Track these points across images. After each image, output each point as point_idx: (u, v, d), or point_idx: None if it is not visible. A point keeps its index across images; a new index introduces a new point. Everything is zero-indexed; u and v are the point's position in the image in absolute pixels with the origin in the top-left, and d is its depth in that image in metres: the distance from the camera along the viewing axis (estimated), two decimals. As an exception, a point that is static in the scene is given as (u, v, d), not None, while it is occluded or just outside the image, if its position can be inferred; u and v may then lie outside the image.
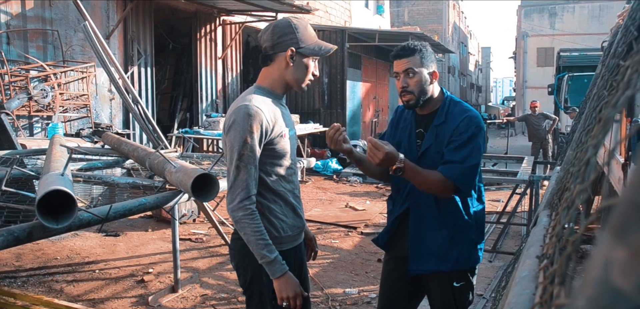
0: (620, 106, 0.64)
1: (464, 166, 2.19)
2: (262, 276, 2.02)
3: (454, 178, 2.17)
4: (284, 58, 2.03)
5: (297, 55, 2.03)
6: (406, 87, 2.27)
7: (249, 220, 1.93)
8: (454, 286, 2.33)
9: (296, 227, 2.14)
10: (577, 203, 0.65)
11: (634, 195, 0.27)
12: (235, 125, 1.93)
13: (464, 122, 2.24)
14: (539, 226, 1.63)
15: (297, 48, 2.02)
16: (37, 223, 2.01)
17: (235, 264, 2.16)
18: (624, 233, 0.27)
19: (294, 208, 2.12)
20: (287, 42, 2.02)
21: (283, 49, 2.02)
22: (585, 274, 0.28)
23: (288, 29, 2.03)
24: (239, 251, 2.08)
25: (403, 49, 2.28)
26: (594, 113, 1.26)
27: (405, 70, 2.26)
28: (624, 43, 1.34)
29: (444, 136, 2.26)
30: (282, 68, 2.05)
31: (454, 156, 2.20)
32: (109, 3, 8.95)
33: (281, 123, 2.04)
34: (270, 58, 2.06)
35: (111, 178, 3.62)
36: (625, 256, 0.26)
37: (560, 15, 33.10)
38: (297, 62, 2.04)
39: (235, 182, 1.94)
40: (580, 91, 11.26)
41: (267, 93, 2.06)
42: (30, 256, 5.35)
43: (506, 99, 63.69)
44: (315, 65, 2.12)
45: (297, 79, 2.07)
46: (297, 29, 2.04)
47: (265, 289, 2.04)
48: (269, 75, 2.08)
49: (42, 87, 7.28)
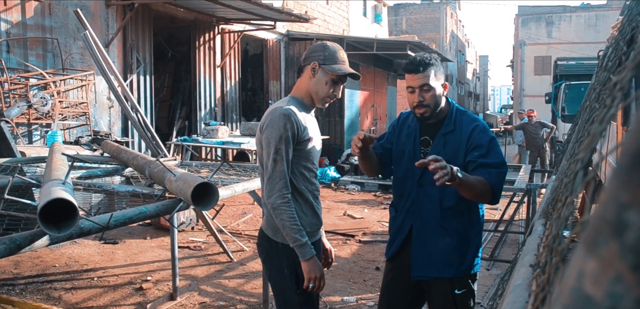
0: (606, 122, 0.67)
1: (500, 170, 2.26)
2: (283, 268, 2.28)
3: (493, 183, 2.22)
4: (309, 70, 2.29)
5: (319, 70, 2.27)
6: (423, 101, 2.30)
7: (286, 207, 2.16)
8: (456, 293, 2.35)
9: (314, 225, 2.35)
10: (565, 215, 0.68)
11: (604, 211, 0.30)
12: (272, 124, 2.17)
13: (479, 129, 2.31)
14: (534, 235, 1.66)
15: (320, 63, 2.26)
16: (38, 231, 2.03)
17: (263, 258, 2.44)
18: (595, 245, 0.30)
19: (313, 207, 2.33)
20: (314, 56, 2.29)
21: (309, 62, 2.29)
22: (562, 284, 0.31)
23: (319, 48, 2.31)
24: (265, 247, 2.36)
25: (419, 63, 2.30)
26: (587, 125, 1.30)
27: (421, 86, 2.29)
28: (615, 56, 1.37)
29: (453, 144, 2.30)
30: (306, 80, 2.31)
31: (489, 160, 2.24)
32: (109, 11, 9.00)
33: (311, 129, 2.28)
34: (301, 70, 2.34)
35: (111, 186, 3.64)
36: (596, 267, 0.29)
37: (557, 24, 33.28)
38: (318, 76, 2.28)
39: (273, 173, 2.16)
40: (577, 99, 11.32)
41: (298, 103, 2.29)
42: (29, 264, 5.35)
43: (504, 107, 63.85)
44: (339, 88, 2.33)
45: (317, 92, 2.30)
46: (326, 49, 2.29)
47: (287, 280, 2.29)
48: (299, 85, 2.35)
49: (41, 95, 7.31)
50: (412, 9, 39.03)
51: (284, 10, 11.41)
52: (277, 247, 2.30)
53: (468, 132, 2.29)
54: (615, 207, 0.29)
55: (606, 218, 0.29)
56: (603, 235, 0.29)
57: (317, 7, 16.57)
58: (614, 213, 0.29)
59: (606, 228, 0.29)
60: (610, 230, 0.29)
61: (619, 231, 0.29)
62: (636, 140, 0.29)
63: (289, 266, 2.28)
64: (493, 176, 2.22)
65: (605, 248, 0.29)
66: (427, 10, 38.68)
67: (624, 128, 4.06)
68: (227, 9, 10.21)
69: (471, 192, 2.19)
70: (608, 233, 0.29)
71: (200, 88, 11.53)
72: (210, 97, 11.79)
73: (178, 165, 4.38)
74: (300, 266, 2.23)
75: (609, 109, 0.67)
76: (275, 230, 2.28)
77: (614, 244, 0.28)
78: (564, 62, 14.96)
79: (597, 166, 4.68)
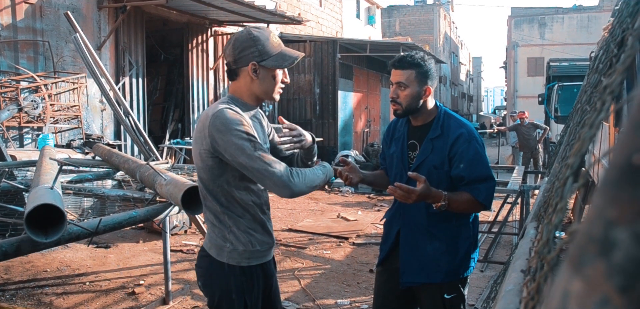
0: (596, 127, 0.66)
1: (486, 184, 2.25)
2: (231, 293, 1.97)
3: (482, 199, 2.22)
4: (247, 73, 1.96)
5: (260, 68, 1.95)
6: (396, 98, 2.31)
7: (301, 179, 1.91)
8: (445, 298, 2.34)
9: (265, 243, 2.05)
10: (555, 222, 0.67)
11: (590, 228, 0.28)
12: (225, 128, 1.84)
13: (463, 138, 2.27)
14: (526, 238, 1.65)
15: (259, 62, 1.94)
16: (25, 237, 2.00)
17: (202, 282, 2.08)
18: (580, 265, 0.28)
19: (263, 223, 2.04)
20: (248, 56, 1.94)
21: (245, 63, 1.95)
22: (546, 304, 0.29)
23: (248, 43, 1.94)
24: (207, 269, 2.02)
25: (400, 60, 2.30)
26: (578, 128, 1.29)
27: (397, 82, 2.29)
28: (606, 59, 1.36)
29: (440, 149, 2.29)
30: (248, 83, 1.98)
31: (472, 176, 2.23)
32: (101, 14, 8.95)
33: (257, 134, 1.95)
34: (235, 73, 1.99)
35: (102, 190, 3.61)
36: (581, 288, 0.27)
37: (549, 26, 33.47)
38: (261, 75, 1.96)
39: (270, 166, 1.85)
40: (570, 100, 11.37)
41: (241, 104, 1.99)
42: (20, 269, 5.30)
43: (497, 108, 64.09)
44: (284, 73, 2.04)
45: (265, 91, 2.01)
46: (258, 41, 1.95)
47: (235, 306, 1.98)
48: (238, 89, 2.01)
49: (32, 98, 7.25)
50: (406, 10, 39.14)
51: (277, 12, 11.40)
52: (223, 269, 1.97)
53: (452, 139, 2.27)
54: (602, 224, 0.28)
55: (592, 236, 0.28)
56: (589, 254, 0.28)
57: (311, 9, 16.56)
58: (600, 231, 0.28)
59: (592, 246, 0.28)
60: (597, 249, 0.27)
61: (605, 250, 0.27)
62: (624, 153, 0.28)
63: (237, 290, 1.97)
64: (482, 192, 2.22)
65: (592, 268, 0.27)
66: (421, 11, 38.79)
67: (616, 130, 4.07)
68: (220, 11, 10.18)
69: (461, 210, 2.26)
70: (594, 251, 0.27)
71: (193, 91, 11.49)
72: (203, 100, 11.75)
73: (169, 168, 4.35)
74: (249, 291, 1.99)
75: (599, 113, 0.66)
76: (219, 249, 1.97)
77: (600, 263, 0.27)
78: (557, 64, 15.03)
79: (590, 167, 4.69)
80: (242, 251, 1.97)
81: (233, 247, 1.96)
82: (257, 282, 2.02)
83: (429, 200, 2.15)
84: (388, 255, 2.49)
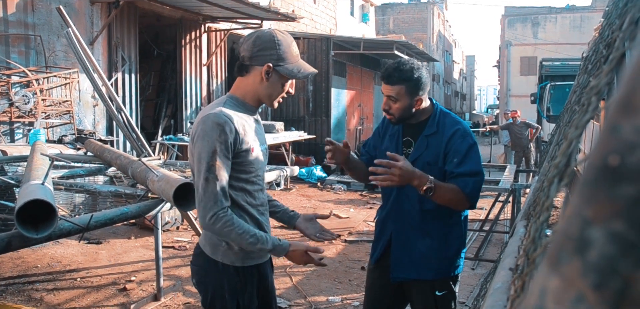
0: (582, 128, 0.67)
1: (475, 179, 2.24)
2: (224, 292, 1.97)
3: (468, 191, 2.21)
4: (259, 73, 1.92)
5: (273, 72, 1.92)
6: (388, 109, 2.33)
7: (228, 228, 1.83)
8: (436, 294, 2.36)
9: None
10: (541, 221, 0.68)
11: (567, 227, 0.29)
12: (204, 135, 1.82)
13: (459, 133, 2.29)
14: (515, 237, 1.67)
15: (275, 65, 1.91)
16: (16, 233, 1.99)
17: (196, 280, 2.08)
18: (558, 263, 0.29)
19: (260, 225, 2.01)
20: (266, 56, 1.91)
21: (260, 63, 1.91)
22: (524, 301, 0.30)
23: (270, 44, 1.91)
24: (201, 267, 2.02)
25: (391, 74, 2.28)
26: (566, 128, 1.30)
27: (388, 96, 2.31)
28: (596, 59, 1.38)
29: (435, 146, 2.30)
30: (256, 83, 1.95)
31: (462, 169, 2.23)
32: (93, 9, 8.90)
33: (251, 137, 1.94)
34: (246, 69, 1.95)
35: (93, 186, 3.60)
36: (558, 285, 0.28)
37: (542, 25, 33.63)
38: (272, 79, 1.93)
39: (205, 195, 1.82)
40: (562, 100, 11.43)
41: (239, 104, 1.97)
42: (10, 264, 5.27)
43: (490, 107, 64.35)
44: (292, 84, 2.02)
45: (269, 95, 1.98)
46: (280, 46, 1.92)
47: (228, 305, 1.98)
48: (243, 86, 1.98)
49: (23, 93, 7.21)
50: (400, 8, 39.17)
51: (271, 9, 11.38)
52: (217, 267, 1.97)
53: (448, 136, 2.28)
54: (579, 223, 0.28)
55: (569, 235, 0.29)
56: (566, 252, 0.28)
57: (305, 6, 16.55)
58: (577, 230, 0.28)
59: (569, 244, 0.28)
60: (573, 247, 0.28)
61: (581, 248, 0.28)
62: (600, 154, 0.28)
63: (231, 289, 1.97)
64: (469, 185, 2.22)
65: (568, 266, 0.28)
66: (415, 10, 38.84)
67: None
68: (214, 8, 10.15)
69: (445, 202, 2.23)
70: (571, 250, 0.28)
71: (186, 87, 11.46)
72: (196, 96, 11.72)
73: (162, 164, 4.34)
74: (242, 291, 1.99)
75: (585, 114, 0.67)
76: (214, 247, 1.98)
77: (576, 262, 0.28)
78: (549, 63, 15.11)
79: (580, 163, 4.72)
80: (237, 251, 1.96)
81: (228, 246, 1.96)
82: (250, 283, 2.02)
83: (414, 181, 2.12)
84: (381, 254, 2.50)
